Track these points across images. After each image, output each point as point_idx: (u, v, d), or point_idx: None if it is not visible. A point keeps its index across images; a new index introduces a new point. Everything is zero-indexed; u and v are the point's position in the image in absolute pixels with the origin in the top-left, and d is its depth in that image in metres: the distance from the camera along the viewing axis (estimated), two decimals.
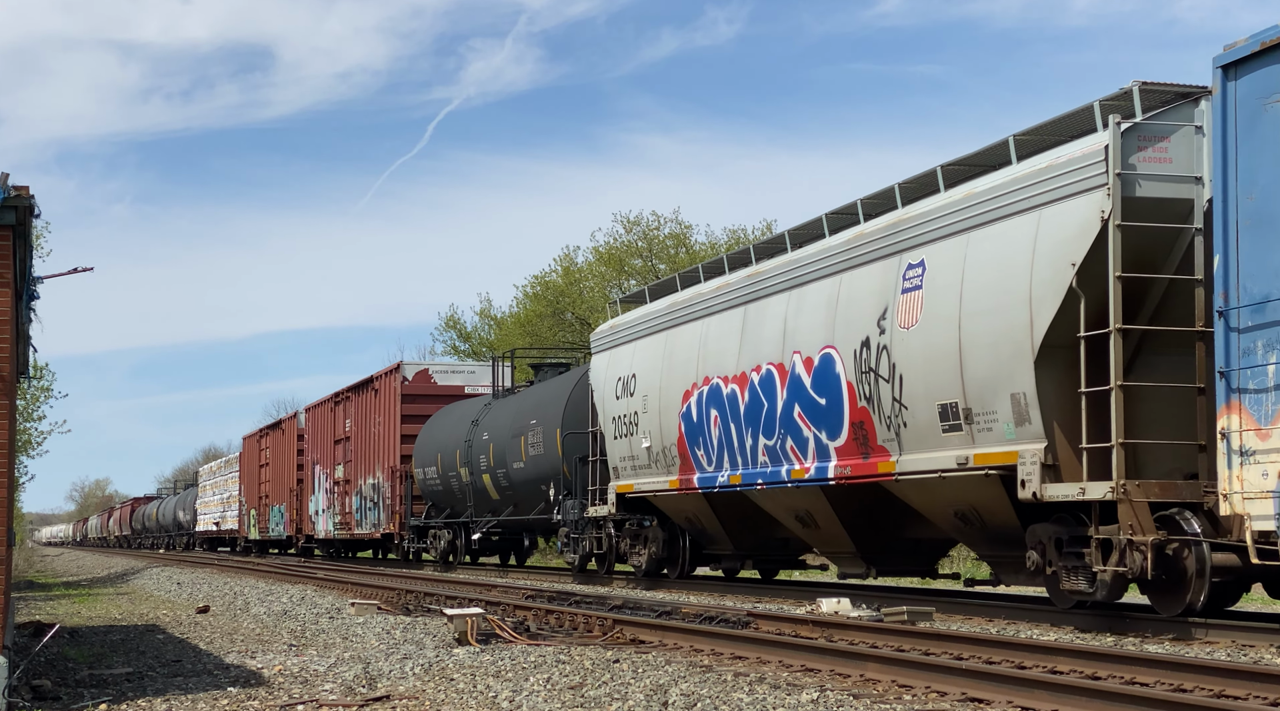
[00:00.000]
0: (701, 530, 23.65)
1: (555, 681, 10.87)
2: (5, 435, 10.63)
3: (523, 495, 30.78)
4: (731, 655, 12.46)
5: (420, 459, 37.15)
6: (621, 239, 57.73)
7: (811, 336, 18.95)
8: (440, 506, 36.52)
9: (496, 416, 32.65)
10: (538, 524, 31.09)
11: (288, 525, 53.16)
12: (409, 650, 13.68)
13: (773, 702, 9.42)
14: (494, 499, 32.64)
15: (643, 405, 23.85)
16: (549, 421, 28.91)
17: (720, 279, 22.25)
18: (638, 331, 24.67)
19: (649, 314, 24.39)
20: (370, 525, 41.17)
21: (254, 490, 60.58)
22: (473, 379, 39.58)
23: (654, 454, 23.58)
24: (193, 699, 10.53)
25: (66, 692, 11.09)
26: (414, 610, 19.15)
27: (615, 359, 25.39)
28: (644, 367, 24.00)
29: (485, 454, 32.40)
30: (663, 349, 23.42)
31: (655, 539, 24.73)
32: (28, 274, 12.05)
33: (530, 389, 32.42)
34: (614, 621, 14.91)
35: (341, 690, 11.01)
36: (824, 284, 18.86)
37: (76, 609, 23.60)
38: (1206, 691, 9.41)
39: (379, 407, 40.62)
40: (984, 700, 9.39)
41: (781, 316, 19.78)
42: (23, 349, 14.15)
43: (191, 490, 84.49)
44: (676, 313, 23.29)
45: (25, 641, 15.30)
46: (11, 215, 10.27)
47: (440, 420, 37.04)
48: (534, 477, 29.73)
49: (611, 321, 26.29)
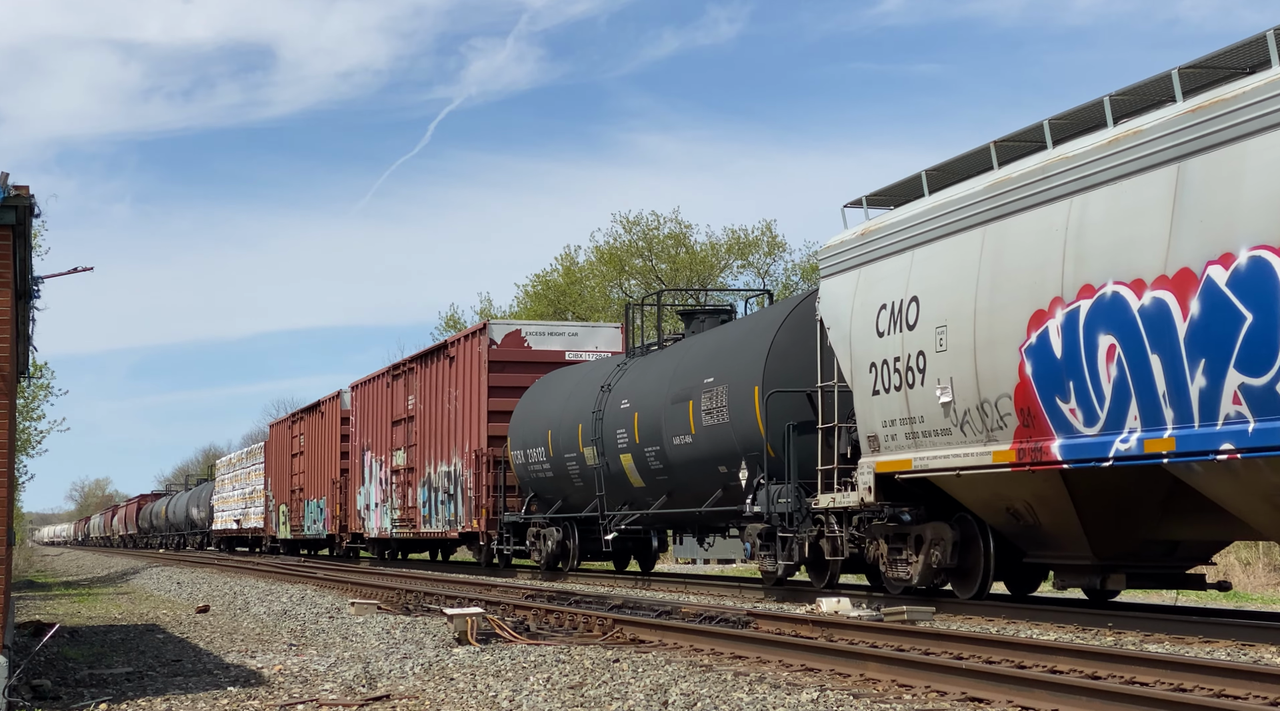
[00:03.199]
0: (1031, 527, 16.16)
1: (555, 681, 10.87)
2: (5, 434, 10.63)
3: (686, 480, 23.54)
4: (731, 655, 12.46)
5: (520, 439, 30.06)
6: (622, 239, 57.80)
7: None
8: (547, 498, 29.63)
9: (641, 378, 25.36)
10: (710, 518, 24.06)
11: (328, 522, 46.08)
12: (409, 649, 13.68)
13: (773, 702, 9.42)
14: (636, 487, 25.44)
15: (935, 340, 16.35)
16: (739, 378, 21.19)
17: (1099, 135, 14.60)
18: (917, 234, 16.99)
19: (941, 206, 16.65)
20: (443, 522, 34.20)
21: (284, 483, 53.66)
22: (574, 342, 32.41)
23: (959, 412, 15.91)
24: (193, 698, 10.53)
25: (66, 692, 11.09)
26: (414, 609, 19.16)
27: (871, 279, 17.75)
28: (936, 284, 16.42)
29: (626, 428, 25.17)
30: (978, 252, 15.87)
31: (941, 540, 17.10)
32: (28, 273, 12.05)
33: (692, 339, 24.76)
34: (614, 621, 14.91)
35: (341, 689, 11.01)
36: None
37: (76, 608, 23.60)
38: (1206, 691, 9.41)
39: (456, 379, 33.45)
40: (984, 700, 9.39)
41: None
42: (23, 348, 14.16)
43: (206, 485, 78.12)
44: (1008, 195, 15.55)
45: (25, 641, 15.30)
46: (11, 215, 10.28)
47: (546, 390, 29.98)
48: (708, 456, 22.29)
49: (856, 229, 18.50)
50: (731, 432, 21.36)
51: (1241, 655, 12.02)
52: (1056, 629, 14.66)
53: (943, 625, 14.84)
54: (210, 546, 72.17)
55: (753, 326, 22.08)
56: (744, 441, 21.02)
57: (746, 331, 22.12)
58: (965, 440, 16.03)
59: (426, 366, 35.96)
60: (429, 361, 35.84)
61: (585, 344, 32.24)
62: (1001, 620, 15.80)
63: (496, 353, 31.78)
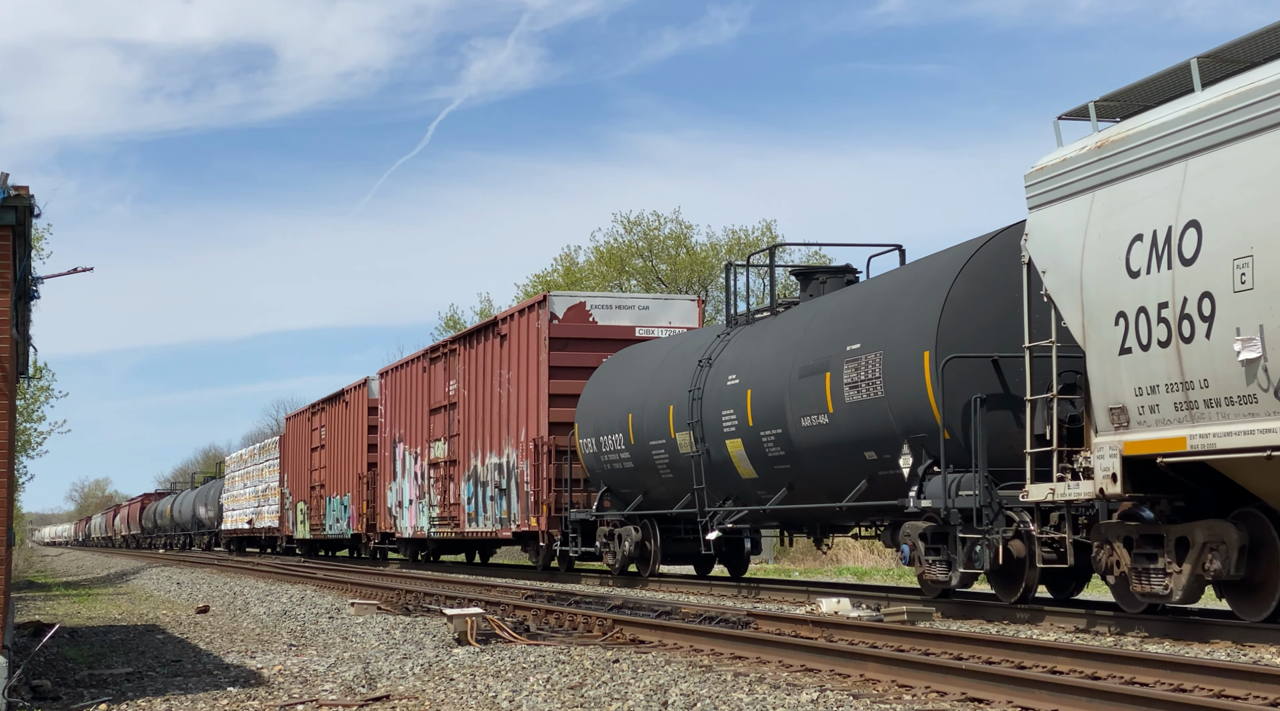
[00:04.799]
0: None
1: (555, 681, 10.87)
2: (5, 435, 10.63)
3: (816, 469, 19.46)
4: (731, 655, 12.46)
5: (591, 425, 26.46)
6: (622, 239, 57.80)
7: None
8: (624, 493, 25.95)
9: (753, 349, 21.30)
10: (848, 517, 20.13)
11: (354, 521, 42.75)
12: (409, 650, 13.68)
13: (772, 702, 9.42)
14: (745, 478, 21.40)
15: (1232, 277, 12.14)
16: (898, 343, 17.36)
17: None
18: (1195, 138, 12.78)
19: (1237, 97, 12.40)
20: (493, 520, 30.65)
21: (302, 479, 50.39)
22: (645, 316, 28.49)
23: (1274, 372, 11.88)
24: (192, 699, 10.54)
25: (66, 692, 11.09)
26: (414, 610, 19.16)
27: (1116, 203, 13.68)
28: (1229, 203, 12.29)
29: (736, 409, 21.15)
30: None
31: (1221, 544, 12.99)
32: (28, 274, 12.05)
33: (819, 301, 20.59)
34: (614, 621, 14.91)
35: (341, 690, 11.01)
36: None
37: (76, 609, 23.60)
38: (1206, 691, 9.41)
39: (509, 359, 29.87)
40: (984, 700, 9.39)
41: None
42: (23, 349, 14.16)
43: (214, 483, 73.97)
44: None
45: (25, 641, 15.30)
46: (11, 215, 10.28)
47: (622, 369, 26.35)
48: (851, 439, 18.31)
49: (1086, 141, 14.30)
50: (887, 410, 17.45)
51: (1241, 655, 12.01)
52: (1056, 629, 14.67)
53: (942, 625, 14.85)
54: (219, 547, 69.36)
55: (913, 280, 17.95)
56: (905, 420, 17.14)
57: (903, 287, 18.02)
58: (1270, 411, 11.94)
59: (472, 347, 32.35)
60: (475, 341, 32.23)
61: (657, 318, 28.43)
62: (1001, 620, 15.80)
63: (559, 328, 28.06)
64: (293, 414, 54.36)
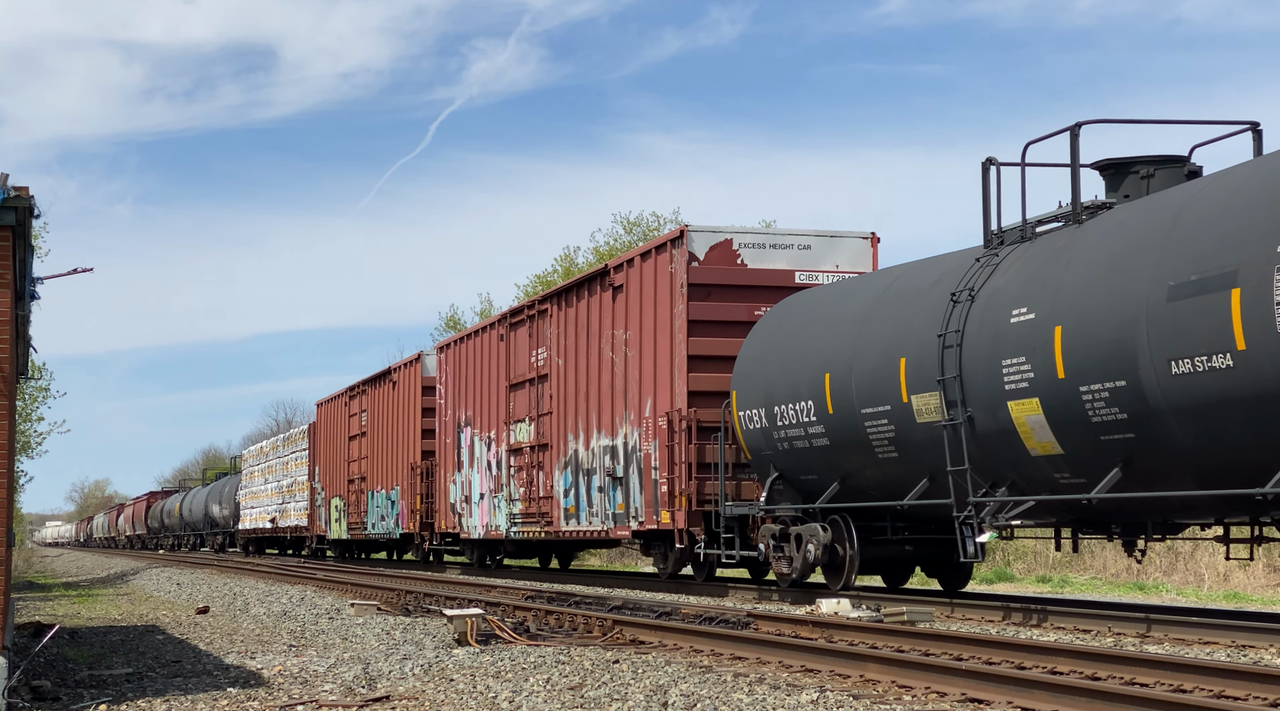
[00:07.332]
0: None
1: (555, 682, 10.88)
2: (5, 435, 10.63)
3: (1199, 436, 13.13)
4: (731, 655, 12.46)
5: (758, 393, 20.08)
6: (622, 239, 57.79)
7: None
8: (808, 480, 19.40)
9: (1055, 267, 15.01)
10: (1272, 505, 13.11)
11: (404, 519, 37.04)
12: (409, 650, 13.68)
13: (772, 703, 9.42)
14: (1038, 454, 15.08)
15: None
16: None
17: None
18: None
19: None
20: (603, 516, 25.01)
21: (338, 472, 44.72)
22: (806, 258, 22.62)
23: None
24: (192, 699, 10.54)
25: (66, 693, 11.09)
26: (413, 610, 19.16)
27: None
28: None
29: (1032, 354, 14.89)
30: None
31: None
32: (27, 274, 12.05)
33: (1168, 194, 14.31)
34: (614, 622, 14.91)
35: (341, 690, 11.01)
36: None
37: (76, 609, 23.60)
38: (1206, 691, 9.41)
39: (625, 315, 24.26)
40: (984, 700, 9.39)
41: None
42: (22, 349, 14.16)
43: (229, 479, 67.77)
44: None
45: (25, 642, 15.30)
46: (11, 216, 10.28)
47: (801, 316, 20.06)
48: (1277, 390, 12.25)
49: None
50: None
51: (1241, 655, 12.02)
52: (1057, 630, 14.67)
53: (942, 626, 14.84)
54: (234, 548, 63.86)
55: None
56: None
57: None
58: None
59: (570, 306, 26.64)
60: (574, 298, 26.50)
61: (822, 261, 22.65)
62: (1001, 621, 15.80)
63: (700, 271, 22.25)
64: (326, 399, 47.79)
